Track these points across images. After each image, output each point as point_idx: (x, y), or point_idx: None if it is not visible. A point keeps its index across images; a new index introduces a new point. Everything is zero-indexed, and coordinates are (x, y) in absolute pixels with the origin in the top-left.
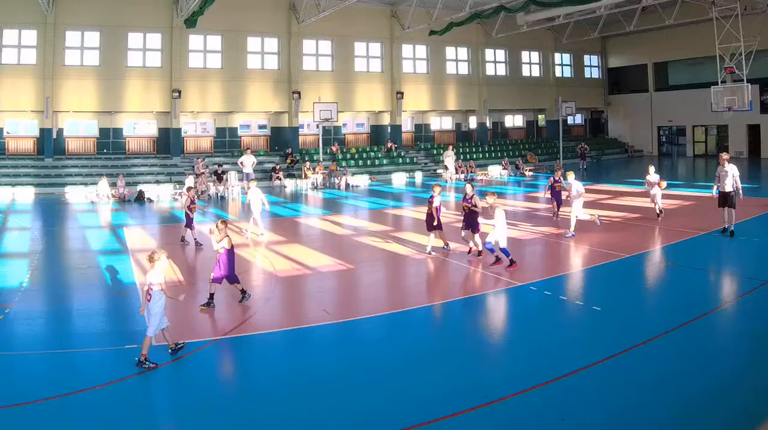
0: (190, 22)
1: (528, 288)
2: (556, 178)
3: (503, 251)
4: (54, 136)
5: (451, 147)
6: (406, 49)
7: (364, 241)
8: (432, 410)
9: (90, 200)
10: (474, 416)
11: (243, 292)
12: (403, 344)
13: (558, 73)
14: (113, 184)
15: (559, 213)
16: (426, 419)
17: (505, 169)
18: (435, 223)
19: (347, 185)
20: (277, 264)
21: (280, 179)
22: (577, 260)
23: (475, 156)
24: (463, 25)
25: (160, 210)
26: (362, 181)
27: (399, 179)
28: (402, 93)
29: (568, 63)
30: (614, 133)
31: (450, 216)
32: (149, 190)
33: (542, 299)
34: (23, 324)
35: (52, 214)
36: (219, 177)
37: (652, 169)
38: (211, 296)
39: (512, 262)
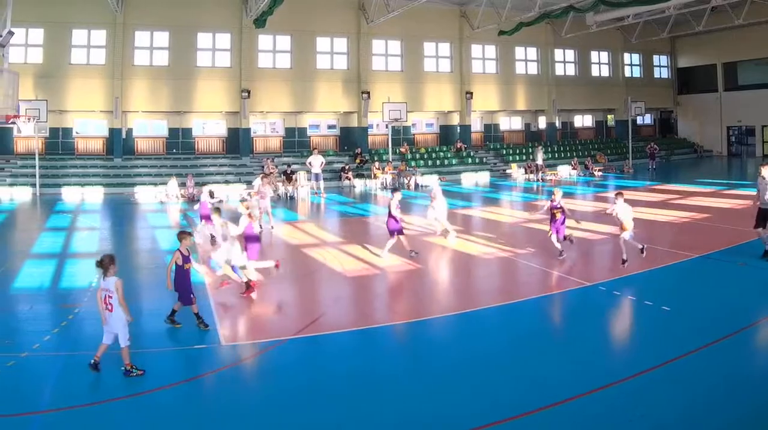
0: (260, 22)
1: (597, 288)
2: (555, 203)
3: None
4: (123, 136)
5: (540, 145)
6: (476, 49)
7: (433, 241)
8: (502, 410)
9: (159, 200)
10: (545, 415)
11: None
12: (473, 344)
13: (627, 73)
14: (182, 185)
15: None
16: (495, 418)
17: (574, 169)
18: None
19: (416, 185)
20: (346, 264)
21: (349, 179)
22: (645, 261)
23: (544, 156)
24: (532, 25)
25: (229, 210)
26: (431, 181)
27: (468, 179)
28: (471, 93)
29: (638, 63)
30: (683, 134)
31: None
32: (218, 190)
33: (611, 299)
34: (92, 324)
35: (121, 214)
36: (288, 177)
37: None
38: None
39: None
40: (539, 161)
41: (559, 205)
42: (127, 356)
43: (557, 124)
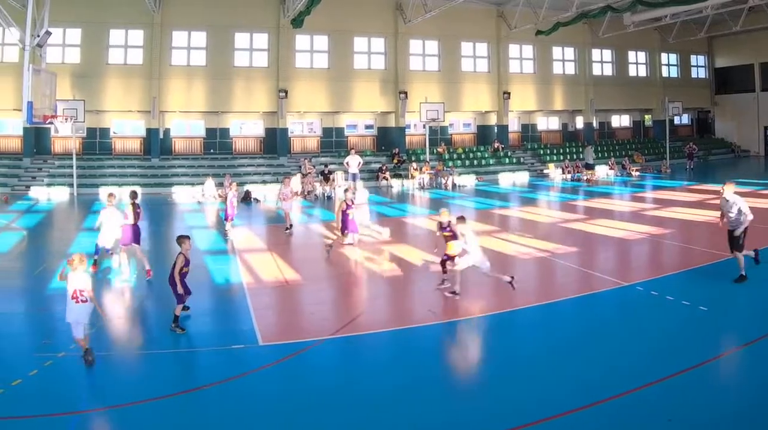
0: (297, 22)
1: (635, 288)
2: (445, 226)
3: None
4: (161, 136)
5: (590, 145)
6: (513, 49)
7: None
8: (539, 410)
9: (196, 200)
10: (582, 415)
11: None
12: (510, 345)
13: (665, 73)
14: (220, 185)
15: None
16: (534, 418)
17: (611, 169)
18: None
19: (454, 185)
20: (384, 264)
21: (386, 179)
22: (682, 260)
23: (581, 156)
24: (569, 25)
25: (267, 210)
26: (469, 181)
27: (505, 179)
28: (509, 93)
29: (675, 63)
30: (721, 134)
31: None
32: (256, 190)
33: (649, 299)
34: (127, 324)
35: (158, 214)
36: (326, 177)
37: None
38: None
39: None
40: (590, 161)
41: (448, 229)
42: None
43: (594, 125)
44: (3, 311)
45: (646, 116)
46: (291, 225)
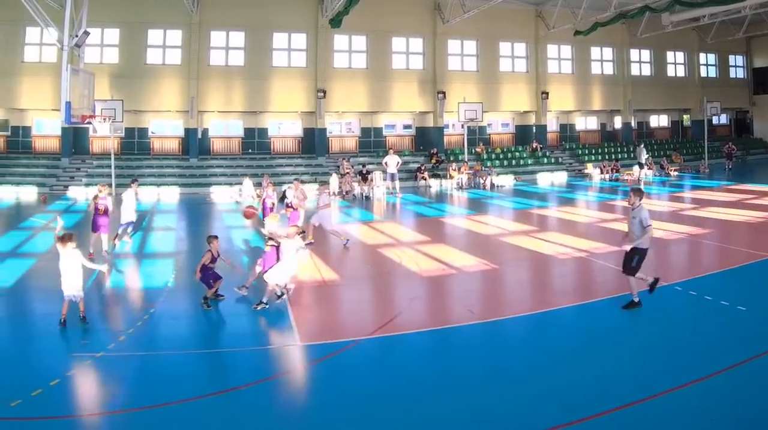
0: (335, 22)
1: (673, 288)
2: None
3: None
4: (199, 136)
5: (642, 144)
6: (551, 49)
7: (509, 241)
8: (578, 410)
9: (235, 200)
10: (621, 415)
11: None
12: (548, 345)
13: (703, 73)
14: (258, 185)
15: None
16: (573, 418)
17: (650, 169)
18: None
19: (492, 185)
20: (421, 264)
21: (425, 179)
22: (721, 261)
23: (620, 156)
24: (608, 26)
25: (305, 210)
26: (507, 181)
27: (544, 179)
28: (547, 93)
29: (713, 63)
30: (759, 133)
31: None
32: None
33: (687, 299)
34: (167, 324)
35: (197, 214)
36: (364, 177)
37: None
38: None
39: None
40: (643, 160)
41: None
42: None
43: (633, 124)
44: (44, 312)
45: (685, 116)
46: (347, 240)
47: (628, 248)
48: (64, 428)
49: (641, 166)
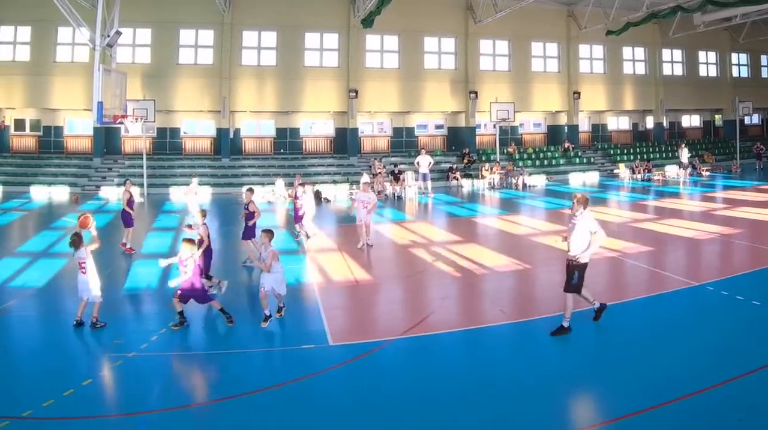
0: (367, 22)
1: (705, 288)
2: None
3: None
4: (231, 136)
5: (684, 143)
6: (583, 49)
7: (541, 240)
8: (611, 410)
9: (266, 200)
10: (652, 415)
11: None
12: (581, 344)
13: (735, 73)
14: (289, 184)
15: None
16: (606, 418)
17: (684, 169)
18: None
19: (524, 185)
20: (453, 263)
21: (457, 179)
22: (753, 260)
23: (651, 156)
24: (639, 26)
25: (337, 210)
26: (539, 181)
27: (576, 179)
28: (579, 93)
29: (745, 63)
30: None
31: None
32: (326, 190)
33: (719, 299)
34: (199, 324)
35: (228, 213)
36: (396, 177)
37: None
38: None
39: None
40: (684, 160)
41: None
42: (97, 312)
43: (665, 124)
44: (76, 312)
45: (717, 116)
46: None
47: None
48: (95, 428)
49: (683, 166)
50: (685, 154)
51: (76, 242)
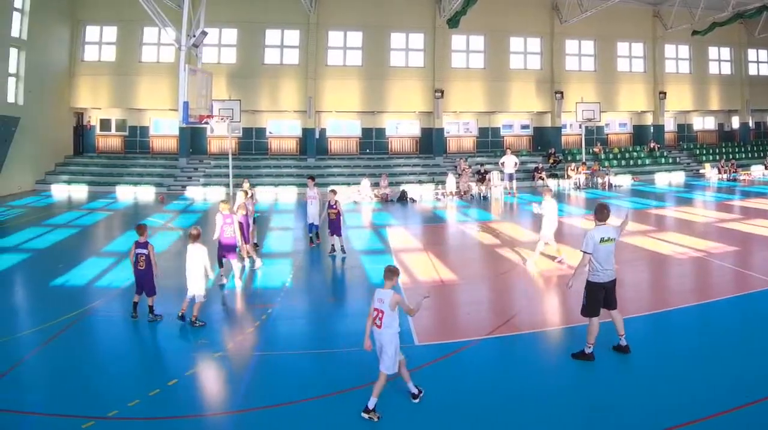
0: (453, 23)
1: None
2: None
3: None
4: (317, 136)
5: None
6: (669, 49)
7: (627, 240)
8: (696, 410)
9: (352, 200)
10: (738, 415)
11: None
12: (666, 345)
13: None
14: (375, 184)
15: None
16: (690, 418)
17: (767, 169)
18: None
19: (610, 185)
20: (539, 264)
21: (542, 179)
22: None
23: (737, 156)
24: (725, 25)
25: (423, 210)
26: (625, 181)
27: (661, 179)
28: (664, 93)
29: None
30: None
31: None
32: (412, 190)
33: None
34: (285, 324)
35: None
36: (482, 177)
37: None
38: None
39: None
40: None
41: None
42: (197, 311)
43: (750, 124)
44: (163, 312)
45: None
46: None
47: (570, 283)
48: (181, 428)
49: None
50: None
51: (195, 235)
